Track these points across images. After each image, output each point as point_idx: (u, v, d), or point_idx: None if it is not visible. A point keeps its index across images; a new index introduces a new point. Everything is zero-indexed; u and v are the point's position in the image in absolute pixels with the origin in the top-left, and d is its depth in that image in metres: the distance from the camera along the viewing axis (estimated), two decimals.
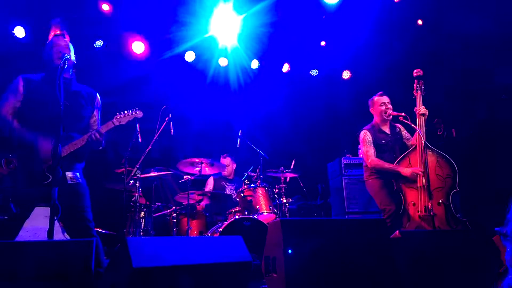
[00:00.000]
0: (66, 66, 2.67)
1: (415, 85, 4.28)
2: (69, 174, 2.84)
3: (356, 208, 5.45)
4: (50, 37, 3.12)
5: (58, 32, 3.07)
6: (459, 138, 5.37)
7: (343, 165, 5.66)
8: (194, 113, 7.07)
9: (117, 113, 3.08)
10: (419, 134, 4.02)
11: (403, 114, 4.16)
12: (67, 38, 3.06)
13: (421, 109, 4.15)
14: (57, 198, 2.38)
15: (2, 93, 2.90)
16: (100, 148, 3.03)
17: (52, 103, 2.60)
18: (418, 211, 3.89)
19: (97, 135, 2.89)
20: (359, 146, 4.54)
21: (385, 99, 4.41)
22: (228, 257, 2.32)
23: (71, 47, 3.06)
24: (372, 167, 4.18)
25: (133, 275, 1.98)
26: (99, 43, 6.29)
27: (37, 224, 3.97)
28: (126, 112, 3.11)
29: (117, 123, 3.04)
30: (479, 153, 5.52)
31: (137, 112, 3.16)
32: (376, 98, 4.46)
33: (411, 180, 3.96)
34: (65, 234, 4.33)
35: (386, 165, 4.10)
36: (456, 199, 4.03)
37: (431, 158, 3.97)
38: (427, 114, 4.15)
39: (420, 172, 3.90)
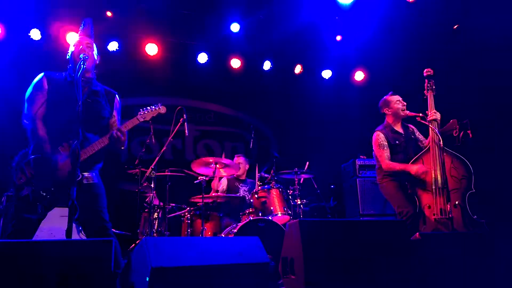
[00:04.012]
0: (84, 66, 2.67)
1: (425, 84, 4.23)
2: (86, 174, 2.83)
3: (371, 210, 5.39)
4: (77, 36, 3.09)
5: (84, 32, 3.04)
6: (476, 139, 5.27)
7: (357, 167, 5.62)
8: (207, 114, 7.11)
9: (141, 110, 3.04)
10: (436, 134, 3.95)
11: (420, 114, 4.10)
12: (91, 39, 3.04)
13: (432, 115, 4.09)
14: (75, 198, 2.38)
15: (26, 90, 2.88)
16: (122, 148, 3.00)
17: (73, 102, 2.59)
18: (433, 214, 3.82)
19: (119, 133, 2.85)
20: (372, 147, 4.48)
21: (399, 97, 4.37)
22: (246, 258, 2.30)
23: (95, 47, 3.05)
24: (386, 170, 4.14)
25: (152, 274, 1.97)
26: (113, 45, 6.34)
27: (53, 224, 4.01)
28: (149, 108, 3.06)
29: (141, 119, 3.01)
30: (496, 154, 5.42)
31: (161, 107, 3.11)
32: (389, 97, 4.41)
33: (425, 183, 3.90)
34: (80, 234, 4.36)
35: (398, 166, 4.05)
36: (472, 200, 3.95)
37: (445, 159, 3.91)
38: (439, 118, 4.09)
39: (427, 170, 3.84)
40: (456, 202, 3.80)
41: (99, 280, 1.97)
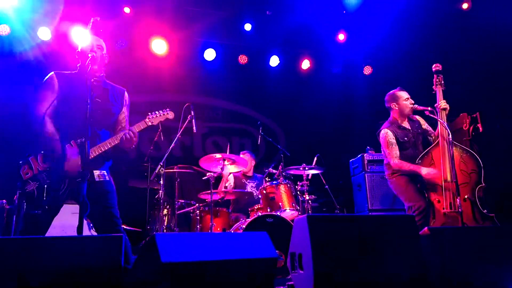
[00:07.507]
0: (94, 64, 2.70)
1: (434, 80, 4.18)
2: (96, 172, 2.88)
3: (380, 205, 5.36)
4: (86, 34, 3.13)
5: (93, 31, 3.09)
6: (486, 133, 5.22)
7: (366, 162, 5.59)
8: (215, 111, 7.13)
9: (149, 114, 3.10)
10: (445, 128, 3.92)
11: (429, 108, 4.06)
12: (101, 37, 3.09)
13: (442, 103, 4.06)
14: (85, 195, 2.42)
15: (37, 90, 2.92)
16: (132, 147, 3.04)
17: (83, 100, 2.63)
18: (443, 208, 3.80)
19: (131, 134, 2.92)
20: (381, 146, 4.45)
21: (407, 94, 4.33)
22: (254, 253, 2.31)
23: (104, 46, 3.09)
24: (395, 168, 4.12)
25: (162, 270, 1.99)
26: (122, 43, 6.38)
27: (65, 221, 4.06)
28: (157, 112, 3.13)
29: (149, 123, 3.07)
30: (507, 147, 5.37)
31: (169, 113, 3.18)
32: (398, 92, 4.35)
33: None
34: (92, 230, 4.42)
35: (406, 166, 4.02)
36: (482, 194, 3.91)
37: (454, 153, 3.88)
38: (448, 109, 4.06)
39: (437, 173, 3.83)
40: (466, 196, 3.78)
41: (108, 276, 2.00)
